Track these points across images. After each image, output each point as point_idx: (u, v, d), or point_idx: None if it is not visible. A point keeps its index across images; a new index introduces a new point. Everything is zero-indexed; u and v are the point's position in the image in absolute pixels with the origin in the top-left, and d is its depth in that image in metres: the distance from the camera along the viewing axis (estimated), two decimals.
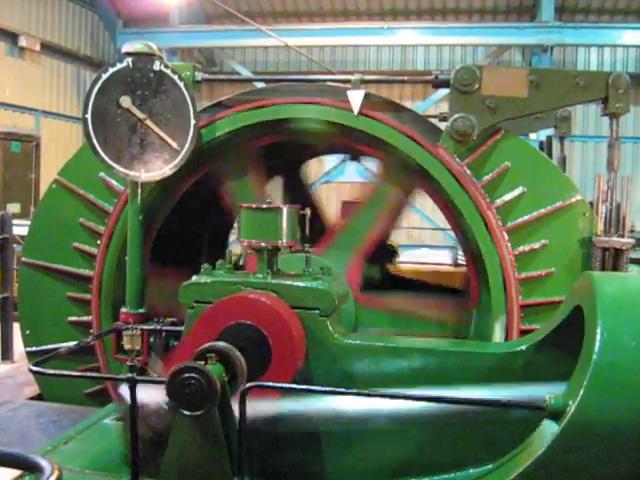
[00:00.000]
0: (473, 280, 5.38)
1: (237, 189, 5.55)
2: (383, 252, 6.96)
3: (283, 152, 6.48)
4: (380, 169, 5.82)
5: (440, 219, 6.08)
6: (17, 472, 2.65)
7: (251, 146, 5.58)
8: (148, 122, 4.79)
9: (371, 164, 18.19)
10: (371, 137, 5.15)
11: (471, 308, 5.45)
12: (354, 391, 3.51)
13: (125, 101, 4.77)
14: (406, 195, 5.78)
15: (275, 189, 7.38)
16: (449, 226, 5.80)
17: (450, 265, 8.15)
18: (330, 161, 19.43)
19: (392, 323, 5.39)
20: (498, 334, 4.86)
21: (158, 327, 4.82)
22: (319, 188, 18.00)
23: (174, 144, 4.80)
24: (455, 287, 6.80)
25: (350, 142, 5.56)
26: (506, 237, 4.92)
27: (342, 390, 3.52)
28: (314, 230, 6.28)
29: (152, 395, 3.57)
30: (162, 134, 4.79)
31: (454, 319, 5.58)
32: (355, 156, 9.00)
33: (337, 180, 19.59)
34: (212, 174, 5.65)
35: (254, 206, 4.32)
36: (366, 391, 3.55)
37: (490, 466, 3.33)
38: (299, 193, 7.59)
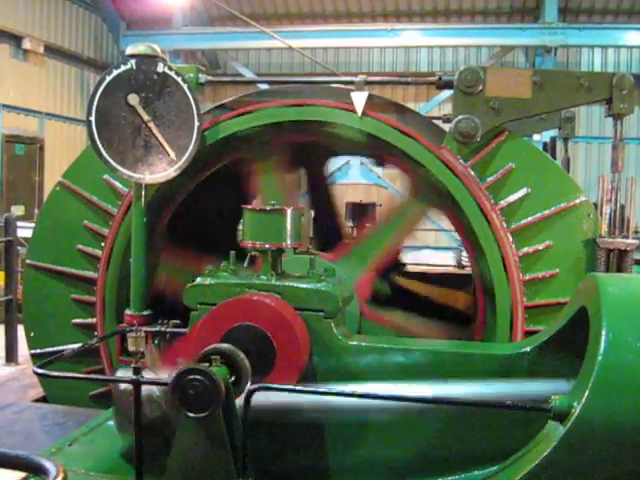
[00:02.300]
0: (480, 303, 5.39)
1: (264, 182, 5.56)
2: (392, 266, 6.98)
3: (309, 149, 6.46)
4: (409, 186, 5.75)
5: (444, 221, 6.06)
6: (22, 474, 2.65)
7: (281, 141, 5.56)
8: (151, 126, 4.80)
9: (374, 167, 18.26)
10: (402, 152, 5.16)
11: (474, 336, 5.45)
12: (358, 392, 3.50)
13: (133, 99, 4.78)
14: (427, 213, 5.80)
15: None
16: (452, 227, 5.79)
17: (454, 266, 8.15)
18: (333, 163, 19.39)
19: None
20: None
21: (162, 329, 4.83)
22: None
23: (172, 153, 4.81)
24: (460, 310, 6.80)
25: (381, 152, 5.57)
26: (510, 238, 4.92)
27: (346, 392, 3.52)
28: (330, 229, 6.28)
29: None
30: (162, 140, 4.80)
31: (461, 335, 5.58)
32: (381, 162, 9.00)
33: (341, 182, 19.59)
34: (239, 162, 5.65)
35: (258, 207, 4.32)
36: (370, 392, 3.54)
37: (495, 467, 3.32)
38: (320, 190, 7.61)
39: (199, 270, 4.45)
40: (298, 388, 3.59)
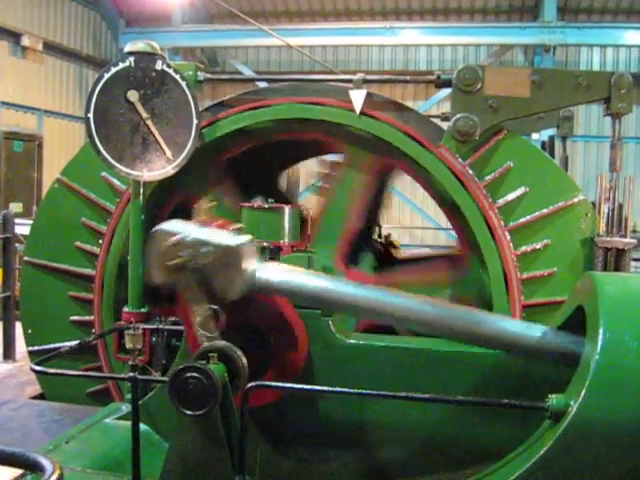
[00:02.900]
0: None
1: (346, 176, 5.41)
2: (370, 235, 6.96)
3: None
4: (343, 158, 5.52)
5: (442, 219, 6.05)
6: (19, 471, 2.66)
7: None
8: (149, 123, 4.79)
9: None
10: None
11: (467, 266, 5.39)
12: (356, 391, 3.51)
13: (133, 95, 4.77)
14: (379, 175, 5.58)
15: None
16: (450, 226, 5.78)
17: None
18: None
19: None
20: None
21: (160, 326, 4.83)
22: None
23: (168, 152, 4.80)
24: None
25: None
26: (508, 237, 4.92)
27: (344, 390, 3.52)
28: None
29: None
30: (159, 138, 4.79)
31: (450, 277, 5.54)
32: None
33: None
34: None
35: (256, 205, 4.33)
36: (368, 391, 3.55)
37: (492, 466, 3.32)
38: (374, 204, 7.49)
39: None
40: (296, 386, 3.60)
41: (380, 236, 7.55)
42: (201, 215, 4.21)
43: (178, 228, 3.52)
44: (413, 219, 19.74)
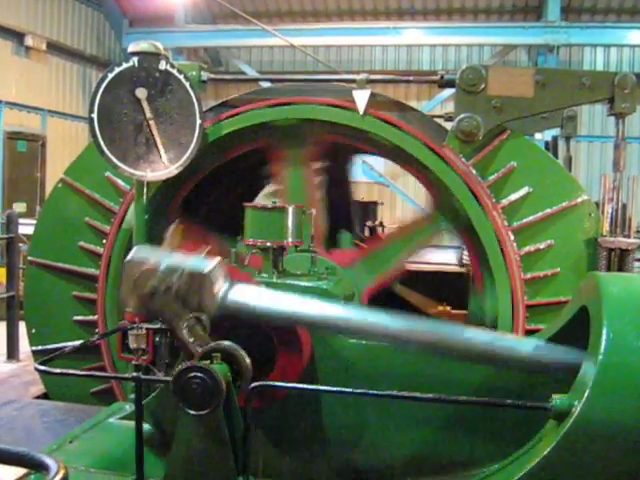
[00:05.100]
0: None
1: (290, 174, 5.50)
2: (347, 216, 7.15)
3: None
4: (431, 206, 5.65)
5: None
6: (23, 470, 2.66)
7: (317, 139, 5.53)
8: (151, 124, 4.80)
9: (377, 164, 18.28)
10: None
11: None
12: (359, 391, 3.50)
13: (141, 92, 4.78)
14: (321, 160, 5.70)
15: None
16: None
17: (456, 265, 8.16)
18: None
19: None
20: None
21: (163, 326, 4.83)
22: None
23: (165, 157, 4.81)
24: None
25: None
26: (512, 237, 4.92)
27: (347, 390, 3.52)
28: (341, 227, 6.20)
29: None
30: (158, 141, 4.80)
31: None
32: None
33: None
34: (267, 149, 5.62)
35: (259, 205, 4.33)
36: (371, 391, 3.54)
37: (495, 466, 3.32)
38: (341, 187, 7.59)
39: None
40: (299, 386, 3.60)
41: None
42: (171, 239, 4.29)
43: (148, 256, 3.56)
44: None
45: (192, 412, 3.20)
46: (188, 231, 5.58)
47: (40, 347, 5.58)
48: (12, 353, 7.94)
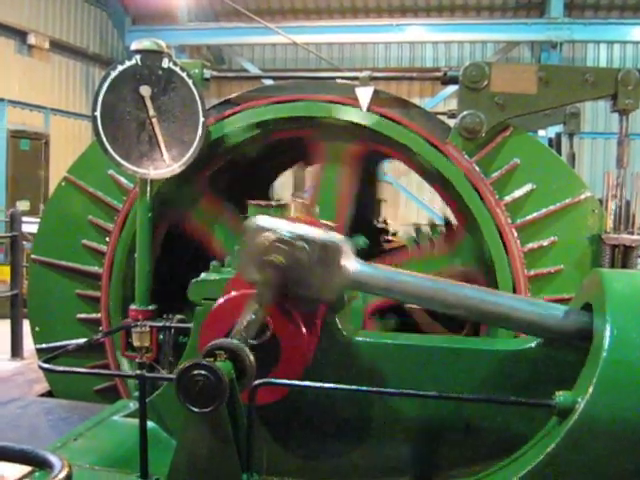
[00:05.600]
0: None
1: (328, 168, 5.47)
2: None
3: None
4: (457, 237, 5.52)
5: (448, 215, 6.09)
6: (27, 468, 2.67)
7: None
8: (154, 122, 4.80)
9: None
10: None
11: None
12: (363, 388, 3.51)
13: (145, 90, 4.78)
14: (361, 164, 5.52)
15: None
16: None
17: None
18: None
19: None
20: None
21: (167, 324, 4.84)
22: None
23: (166, 155, 4.81)
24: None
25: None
26: (515, 234, 4.91)
27: (351, 387, 3.52)
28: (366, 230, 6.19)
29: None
30: (160, 140, 4.80)
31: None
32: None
33: None
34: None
35: (263, 203, 4.33)
36: (374, 389, 3.55)
37: (499, 463, 3.32)
38: (369, 186, 7.51)
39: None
40: (303, 383, 3.60)
41: (387, 232, 7.60)
42: (294, 211, 4.17)
43: (272, 223, 3.46)
44: (420, 215, 19.71)
45: (196, 409, 3.21)
46: (210, 204, 5.58)
47: (44, 345, 5.59)
48: (16, 351, 7.95)
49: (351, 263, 3.44)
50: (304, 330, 3.82)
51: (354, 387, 3.51)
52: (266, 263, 3.36)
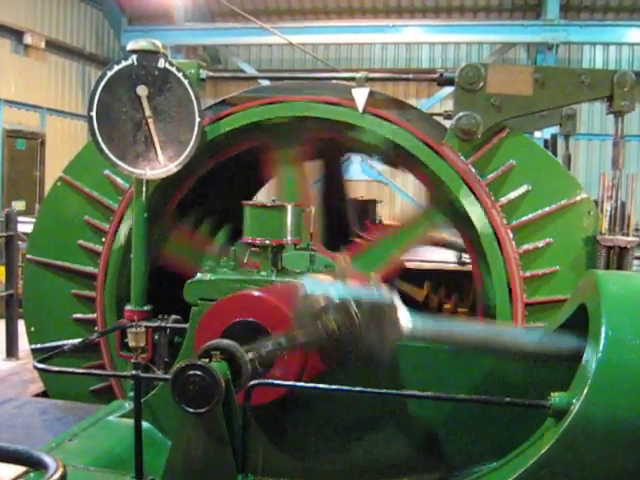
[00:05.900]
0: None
1: (283, 172, 5.50)
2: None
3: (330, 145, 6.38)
4: (428, 199, 5.64)
5: None
6: (22, 468, 2.66)
7: (310, 136, 5.51)
8: (150, 122, 4.79)
9: (376, 162, 18.27)
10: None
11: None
12: (358, 389, 3.51)
13: (142, 90, 4.77)
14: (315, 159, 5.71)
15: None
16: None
17: (455, 263, 8.17)
18: None
19: None
20: None
21: (162, 324, 4.84)
22: None
23: (161, 156, 4.81)
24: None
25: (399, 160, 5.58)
26: (511, 235, 4.92)
27: (346, 388, 3.52)
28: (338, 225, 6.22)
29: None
30: (156, 141, 4.80)
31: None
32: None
33: None
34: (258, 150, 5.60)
35: (259, 204, 4.33)
36: (370, 389, 3.55)
37: (494, 464, 3.32)
38: (334, 184, 7.59)
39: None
40: (298, 384, 3.60)
41: None
42: (340, 271, 4.22)
43: (322, 288, 3.41)
44: None
45: (191, 410, 3.21)
46: (182, 235, 5.59)
47: (39, 345, 5.57)
48: (11, 351, 7.93)
49: (403, 318, 3.41)
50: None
51: (348, 388, 3.51)
52: (318, 328, 3.34)
